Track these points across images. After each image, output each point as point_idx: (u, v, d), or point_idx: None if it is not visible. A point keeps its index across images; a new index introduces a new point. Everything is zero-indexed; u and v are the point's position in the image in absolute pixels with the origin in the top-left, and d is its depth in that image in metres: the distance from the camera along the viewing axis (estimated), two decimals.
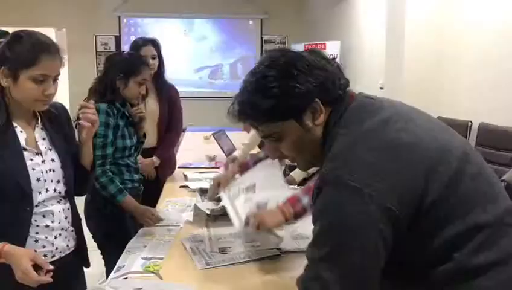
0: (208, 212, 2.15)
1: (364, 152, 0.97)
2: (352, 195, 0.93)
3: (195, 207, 2.17)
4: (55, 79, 1.49)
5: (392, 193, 0.93)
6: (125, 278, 1.57)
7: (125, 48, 8.05)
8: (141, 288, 1.47)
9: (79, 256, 1.69)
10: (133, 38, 4.75)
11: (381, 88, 4.89)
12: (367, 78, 5.72)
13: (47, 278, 1.37)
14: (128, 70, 2.20)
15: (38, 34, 1.48)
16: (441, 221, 0.94)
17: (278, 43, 8.60)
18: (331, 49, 6.96)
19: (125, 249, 1.82)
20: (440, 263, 0.94)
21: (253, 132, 3.03)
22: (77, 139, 1.69)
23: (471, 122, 3.97)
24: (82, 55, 8.09)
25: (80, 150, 1.68)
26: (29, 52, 1.43)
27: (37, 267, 1.37)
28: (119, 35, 8.52)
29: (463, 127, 4.01)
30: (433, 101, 4.41)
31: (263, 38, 8.70)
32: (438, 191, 0.94)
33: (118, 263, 1.69)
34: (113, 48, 8.47)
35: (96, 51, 8.41)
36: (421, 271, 0.96)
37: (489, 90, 3.87)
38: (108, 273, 1.93)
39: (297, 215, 1.67)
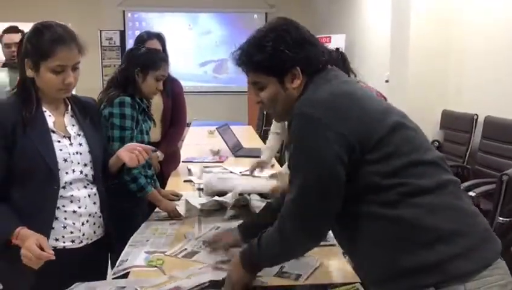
0: (199, 207, 2.12)
1: (325, 94, 1.23)
2: (312, 123, 1.18)
3: (186, 202, 2.14)
4: (74, 68, 1.57)
5: (344, 124, 1.17)
6: (128, 272, 1.58)
7: (130, 42, 8.05)
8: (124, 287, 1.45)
9: (106, 244, 1.75)
10: (137, 33, 4.73)
11: (387, 81, 4.86)
12: (372, 71, 5.68)
13: (48, 255, 1.39)
14: (147, 64, 2.22)
15: (55, 26, 1.55)
16: (390, 154, 1.18)
17: None
18: (336, 42, 6.93)
19: (128, 243, 1.81)
20: (397, 186, 1.17)
21: (271, 136, 3.23)
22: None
23: (477, 115, 3.93)
24: (87, 50, 8.09)
25: (112, 159, 1.78)
26: (46, 45, 1.51)
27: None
28: (124, 30, 8.51)
29: (469, 120, 3.98)
30: (439, 95, 4.39)
31: None
32: (386, 131, 1.19)
33: (121, 257, 1.69)
34: (118, 43, 8.47)
35: (101, 46, 8.41)
36: (380, 190, 1.18)
37: (496, 83, 3.83)
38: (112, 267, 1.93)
39: None
